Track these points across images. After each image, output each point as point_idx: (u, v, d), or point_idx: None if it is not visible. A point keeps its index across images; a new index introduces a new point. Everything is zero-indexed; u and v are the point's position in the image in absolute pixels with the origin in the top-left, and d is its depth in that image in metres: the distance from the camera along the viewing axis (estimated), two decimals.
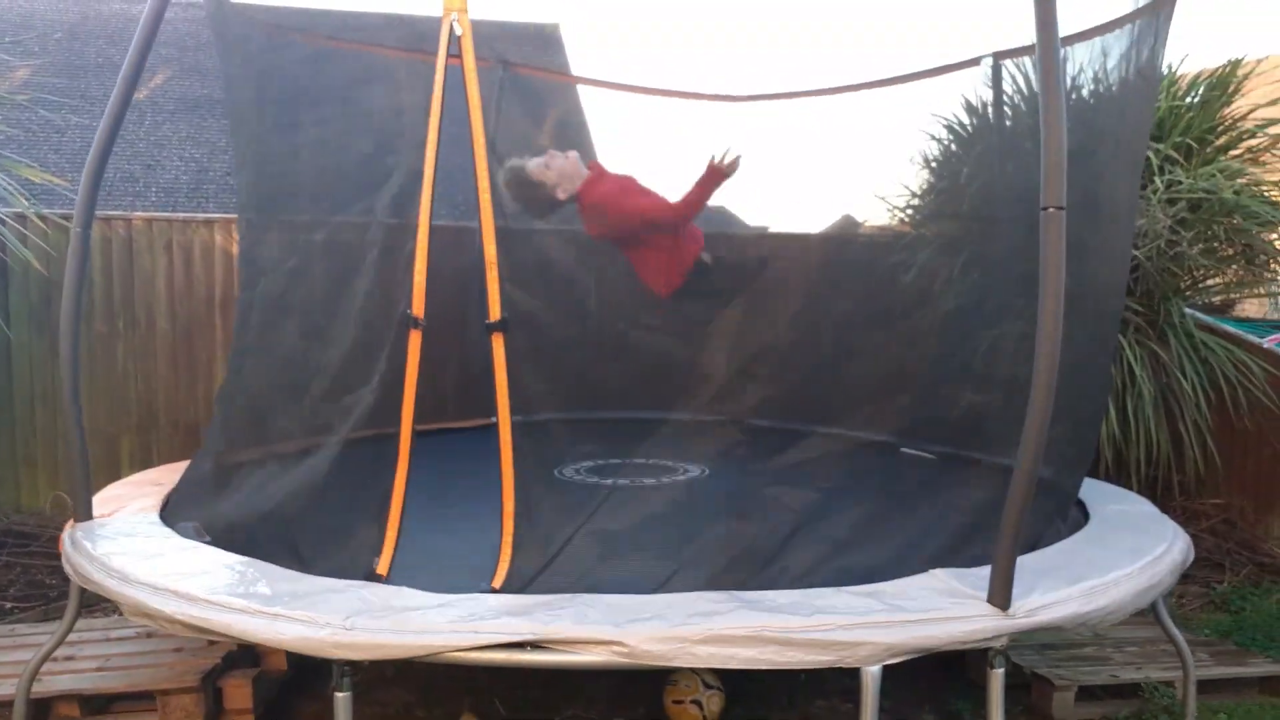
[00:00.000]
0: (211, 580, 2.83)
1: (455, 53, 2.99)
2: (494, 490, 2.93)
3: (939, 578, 2.84)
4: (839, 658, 2.47)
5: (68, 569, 3.13)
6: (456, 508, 3.73)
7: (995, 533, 2.63)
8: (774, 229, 6.53)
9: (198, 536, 3.27)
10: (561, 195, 4.36)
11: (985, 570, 2.68)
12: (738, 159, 4.27)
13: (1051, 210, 2.47)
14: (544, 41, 16.61)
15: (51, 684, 3.38)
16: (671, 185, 4.61)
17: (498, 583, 2.79)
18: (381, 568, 2.85)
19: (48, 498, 5.84)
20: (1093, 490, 4.07)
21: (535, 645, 2.46)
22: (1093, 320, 3.57)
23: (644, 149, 5.34)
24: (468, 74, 2.94)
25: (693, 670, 3.37)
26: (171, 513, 3.59)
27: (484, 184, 2.93)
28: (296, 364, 3.62)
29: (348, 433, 3.18)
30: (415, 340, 2.92)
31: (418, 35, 3.53)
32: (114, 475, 4.70)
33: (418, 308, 2.92)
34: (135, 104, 3.43)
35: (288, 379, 3.67)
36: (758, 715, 3.59)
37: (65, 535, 3.30)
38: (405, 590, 2.69)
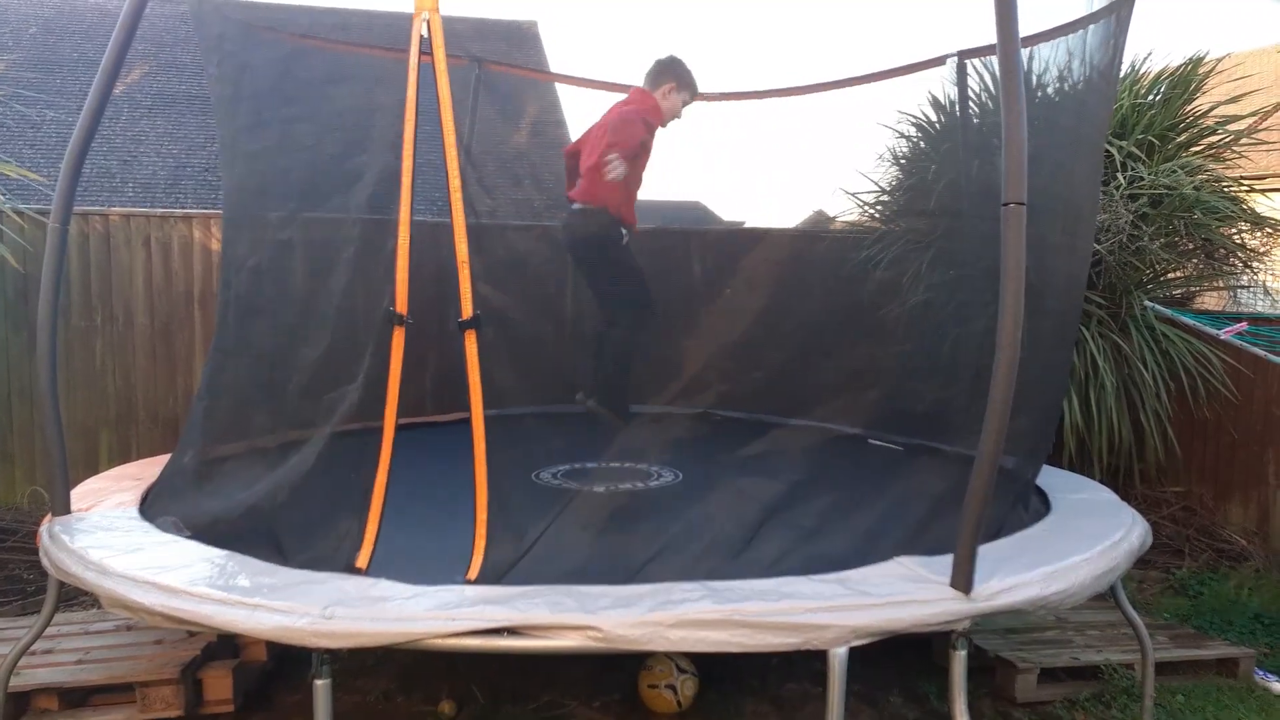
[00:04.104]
0: (191, 573, 2.85)
1: (428, 51, 3.02)
2: (471, 484, 2.97)
3: (904, 564, 2.92)
4: (806, 640, 2.55)
5: (45, 563, 3.14)
6: (435, 502, 3.76)
7: (958, 520, 2.71)
8: (749, 224, 6.62)
9: (177, 531, 3.29)
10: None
11: (949, 557, 2.76)
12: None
13: (1013, 206, 2.54)
14: (521, 39, 16.60)
15: (30, 677, 3.41)
16: (646, 181, 4.67)
17: (473, 574, 2.84)
18: (361, 561, 2.89)
19: (25, 493, 5.85)
20: (1055, 479, 4.17)
21: (512, 631, 2.52)
22: (1054, 313, 3.66)
23: None
24: (438, 73, 2.96)
25: (667, 655, 3.45)
26: (151, 507, 3.61)
27: (455, 182, 2.96)
28: (280, 360, 3.64)
29: (331, 430, 3.21)
30: (399, 337, 2.95)
31: (393, 33, 3.56)
32: (92, 470, 4.73)
33: (401, 305, 2.95)
34: (112, 99, 3.44)
35: (270, 375, 3.69)
36: (730, 698, 3.67)
37: (43, 529, 3.31)
38: (383, 581, 2.74)
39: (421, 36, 3.00)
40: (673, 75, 4.61)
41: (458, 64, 5.21)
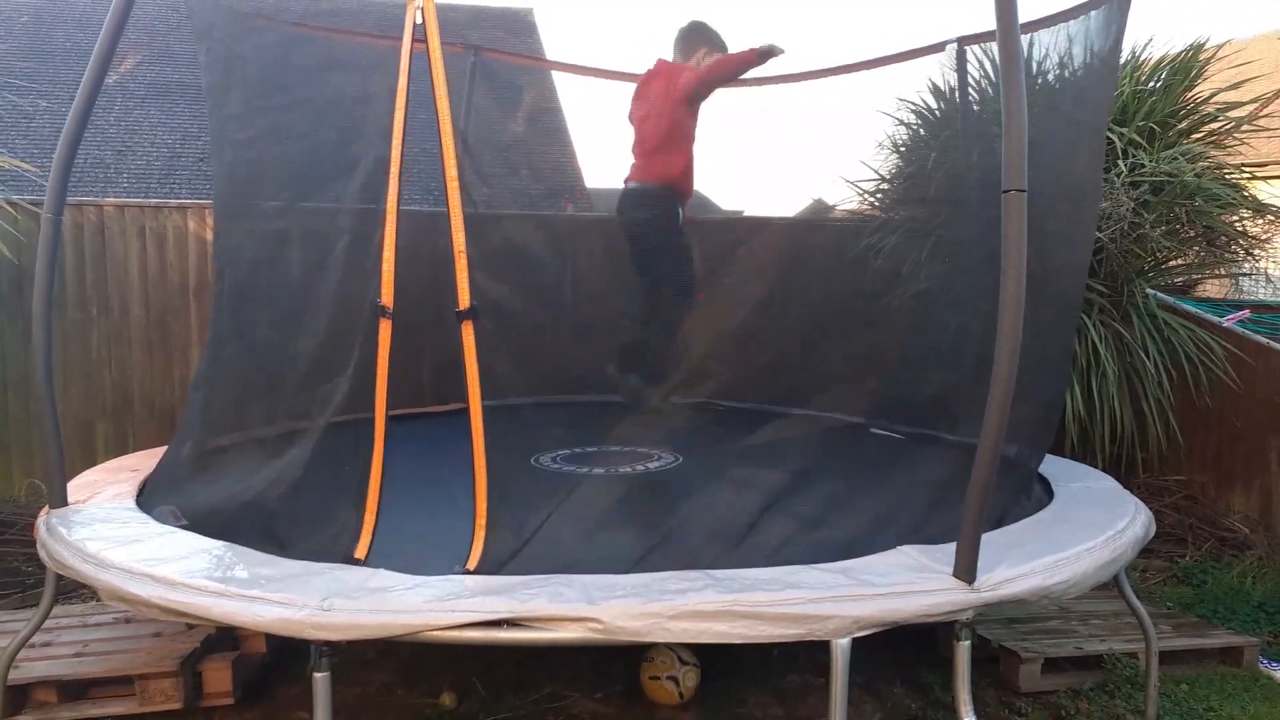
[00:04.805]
0: (189, 564, 2.84)
1: (421, 38, 2.99)
2: (470, 475, 2.95)
3: (907, 554, 2.91)
4: (809, 631, 2.53)
5: (43, 555, 3.13)
6: (435, 492, 3.75)
7: (961, 509, 2.69)
8: (748, 213, 6.59)
9: (175, 521, 3.28)
10: None
11: (952, 546, 2.75)
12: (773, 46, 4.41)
13: (1013, 193, 2.51)
14: (518, 25, 16.52)
15: (29, 670, 3.39)
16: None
17: (472, 565, 2.83)
18: (359, 552, 2.87)
19: (22, 485, 5.82)
20: (1058, 468, 4.15)
21: (512, 623, 2.50)
22: (1056, 301, 3.64)
23: (619, 133, 5.37)
24: (433, 60, 2.93)
25: (669, 647, 3.44)
26: (148, 498, 3.59)
27: (451, 171, 2.93)
28: (275, 352, 3.62)
29: (326, 421, 3.19)
30: (385, 329, 2.93)
31: (386, 20, 3.53)
32: (89, 462, 4.70)
33: (387, 297, 2.93)
34: (105, 89, 3.41)
35: (265, 367, 3.67)
36: (732, 689, 3.66)
37: (40, 522, 3.29)
38: (382, 572, 2.72)
39: (415, 24, 2.97)
40: (704, 39, 4.60)
41: (453, 51, 5.18)
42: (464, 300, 2.91)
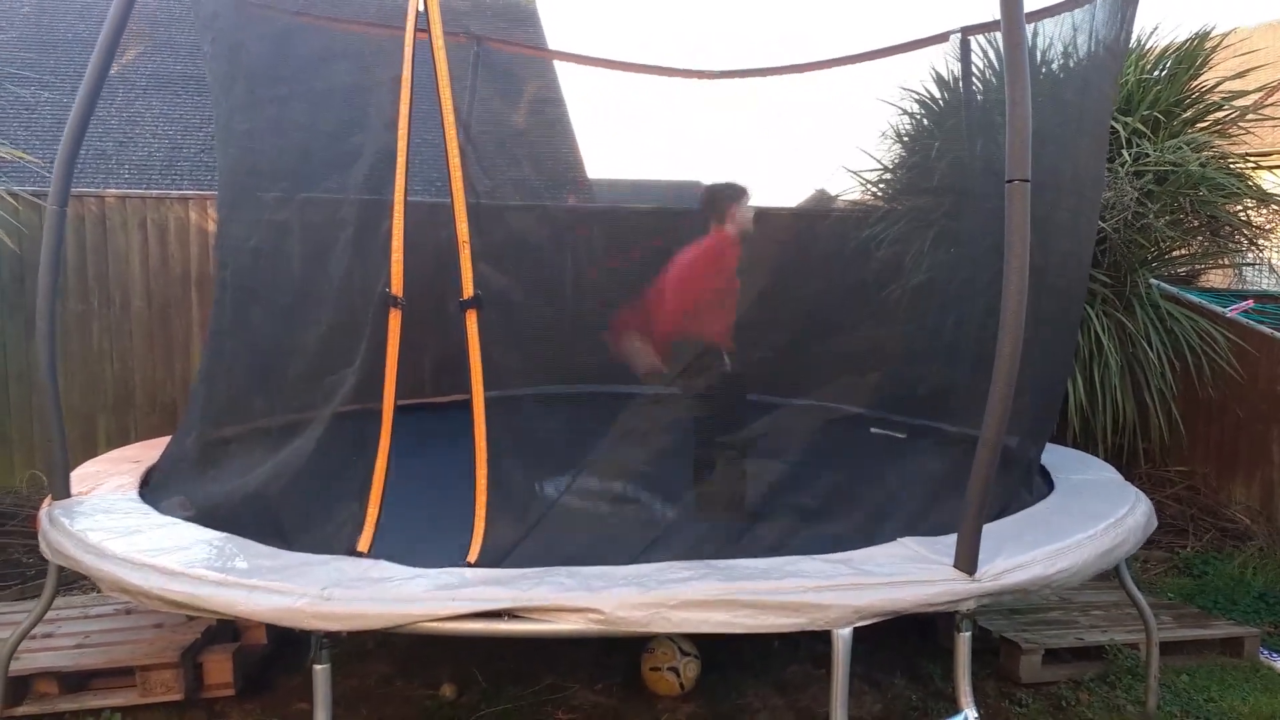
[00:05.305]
0: (190, 555, 2.85)
1: (424, 27, 2.98)
2: (472, 466, 2.95)
3: (908, 545, 2.91)
4: (810, 620, 2.53)
5: (44, 547, 3.13)
6: (437, 484, 3.73)
7: (962, 500, 2.68)
8: (750, 204, 6.54)
9: (180, 511, 3.28)
10: None
11: (952, 538, 2.75)
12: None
13: (1017, 183, 2.50)
14: (519, 16, 16.46)
15: (30, 661, 3.40)
16: (646, 160, 4.60)
17: (473, 557, 2.83)
18: (363, 544, 2.87)
19: (24, 477, 5.82)
20: (1060, 458, 4.15)
21: (513, 614, 2.50)
22: (1058, 291, 3.63)
23: (620, 124, 5.35)
24: (436, 49, 2.93)
25: (669, 638, 3.44)
26: (151, 490, 3.59)
27: (455, 160, 2.93)
28: (278, 343, 3.61)
29: (331, 412, 3.19)
30: (395, 319, 2.92)
31: (386, 10, 3.51)
32: (91, 454, 4.68)
33: (396, 286, 2.92)
34: (107, 80, 3.39)
35: (268, 359, 3.66)
36: (733, 681, 3.66)
37: (42, 513, 3.30)
38: (383, 563, 2.73)
39: (419, 12, 2.96)
40: (728, 196, 4.52)
41: (456, 41, 5.15)
42: (468, 289, 2.90)
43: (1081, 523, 3.16)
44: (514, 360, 3.19)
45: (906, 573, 2.68)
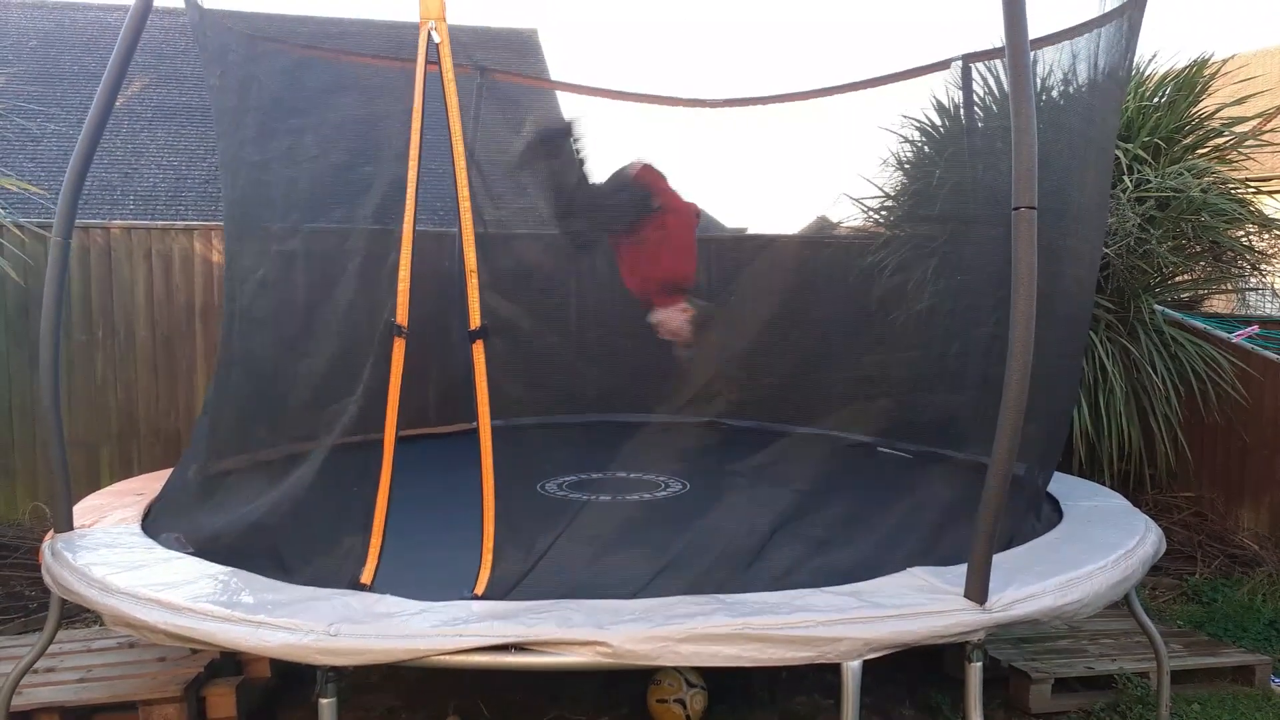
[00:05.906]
0: (194, 589, 2.83)
1: (434, 59, 3.00)
2: (477, 497, 2.94)
3: (917, 575, 2.89)
4: (819, 654, 2.51)
5: (48, 580, 3.11)
6: (440, 515, 3.73)
7: (971, 529, 2.67)
8: (752, 231, 6.58)
9: (180, 547, 3.26)
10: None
11: (962, 567, 2.73)
12: None
13: (1023, 210, 2.51)
14: (522, 47, 16.59)
15: (32, 696, 3.36)
16: None
17: (480, 589, 2.81)
18: (366, 577, 2.85)
19: (26, 508, 5.81)
20: (1066, 486, 4.13)
21: (520, 648, 2.48)
22: (1064, 318, 3.62)
23: (621, 153, 5.38)
24: (446, 82, 2.95)
25: (676, 669, 3.41)
26: (154, 523, 3.58)
27: (464, 191, 2.94)
28: (283, 375, 3.61)
29: (332, 444, 3.18)
30: (399, 349, 2.92)
31: (396, 42, 3.54)
32: (94, 485, 4.68)
33: (402, 316, 2.93)
34: (113, 112, 3.42)
35: (274, 390, 3.66)
36: (740, 712, 3.62)
37: (45, 546, 3.28)
38: (389, 597, 2.70)
39: (432, 43, 2.98)
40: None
41: (461, 72, 5.19)
42: (475, 320, 2.90)
43: (1092, 552, 3.14)
44: (523, 390, 3.18)
45: (917, 604, 2.66)
